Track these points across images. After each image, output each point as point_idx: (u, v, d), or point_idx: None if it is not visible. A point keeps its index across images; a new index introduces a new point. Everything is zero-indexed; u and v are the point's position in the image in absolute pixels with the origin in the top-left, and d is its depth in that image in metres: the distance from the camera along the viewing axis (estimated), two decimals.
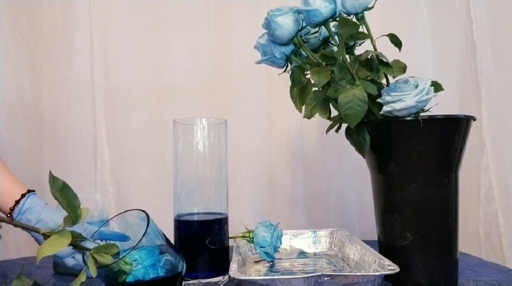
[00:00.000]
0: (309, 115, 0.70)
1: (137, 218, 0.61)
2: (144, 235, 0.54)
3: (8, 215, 0.67)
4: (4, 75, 1.04)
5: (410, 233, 0.65)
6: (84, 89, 1.07)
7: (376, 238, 0.73)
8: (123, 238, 0.63)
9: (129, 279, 0.55)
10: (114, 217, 0.62)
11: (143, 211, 0.58)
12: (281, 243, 0.77)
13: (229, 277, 0.63)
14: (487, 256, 1.02)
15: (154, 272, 0.56)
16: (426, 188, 0.65)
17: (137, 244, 0.53)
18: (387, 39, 0.70)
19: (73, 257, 0.67)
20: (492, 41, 1.08)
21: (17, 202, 0.67)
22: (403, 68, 0.70)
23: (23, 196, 0.68)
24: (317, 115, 0.71)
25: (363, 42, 0.74)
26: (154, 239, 0.58)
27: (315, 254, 0.83)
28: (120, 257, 0.54)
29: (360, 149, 0.69)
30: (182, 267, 0.59)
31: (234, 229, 0.81)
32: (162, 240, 0.59)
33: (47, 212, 0.67)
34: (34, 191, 0.71)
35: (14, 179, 0.70)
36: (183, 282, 0.66)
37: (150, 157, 1.09)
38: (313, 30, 0.74)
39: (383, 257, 0.63)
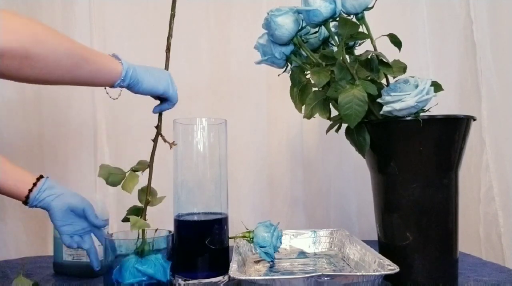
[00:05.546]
0: (309, 115, 0.71)
1: None
2: None
3: (25, 198, 0.67)
4: None
5: (410, 233, 0.65)
6: (84, 89, 1.06)
7: (376, 238, 0.73)
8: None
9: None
10: None
11: None
12: (281, 243, 0.77)
13: (229, 277, 0.63)
14: (487, 256, 1.02)
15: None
16: (426, 188, 0.65)
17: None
18: (387, 39, 0.70)
19: (71, 236, 0.69)
20: (492, 41, 1.08)
21: (34, 184, 0.67)
22: (403, 68, 0.70)
23: (41, 177, 0.69)
24: (317, 115, 0.71)
25: (363, 42, 0.74)
26: None
27: (315, 254, 0.83)
28: None
29: (360, 149, 0.69)
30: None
31: (234, 229, 0.81)
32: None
33: (65, 189, 0.70)
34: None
35: (23, 169, 0.70)
36: (184, 282, 0.66)
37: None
38: (313, 30, 0.74)
39: (383, 257, 0.63)
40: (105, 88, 0.69)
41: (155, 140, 0.70)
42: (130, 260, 0.61)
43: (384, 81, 0.72)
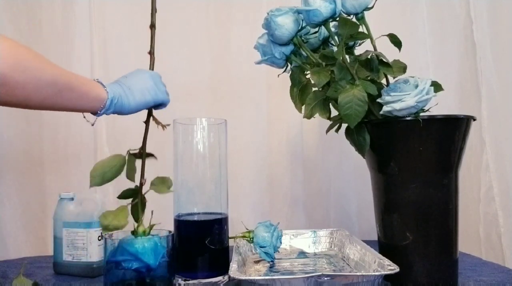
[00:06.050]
0: (309, 115, 0.71)
1: None
2: None
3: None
4: None
5: (410, 233, 0.65)
6: None
7: (376, 238, 0.73)
8: None
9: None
10: None
11: None
12: (281, 243, 0.77)
13: (229, 277, 0.63)
14: (487, 256, 1.02)
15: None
16: (426, 188, 0.65)
17: None
18: (387, 39, 0.70)
19: None
20: (492, 41, 1.08)
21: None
22: (403, 68, 0.70)
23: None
24: (317, 115, 0.71)
25: (363, 42, 0.74)
26: None
27: (315, 254, 0.83)
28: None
29: (360, 149, 0.69)
30: None
31: (234, 229, 0.80)
32: None
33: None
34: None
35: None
36: (184, 282, 0.66)
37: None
38: (313, 30, 0.74)
39: (383, 257, 0.63)
40: (84, 115, 0.66)
41: (146, 123, 0.71)
42: (124, 239, 0.61)
43: (384, 81, 0.72)
